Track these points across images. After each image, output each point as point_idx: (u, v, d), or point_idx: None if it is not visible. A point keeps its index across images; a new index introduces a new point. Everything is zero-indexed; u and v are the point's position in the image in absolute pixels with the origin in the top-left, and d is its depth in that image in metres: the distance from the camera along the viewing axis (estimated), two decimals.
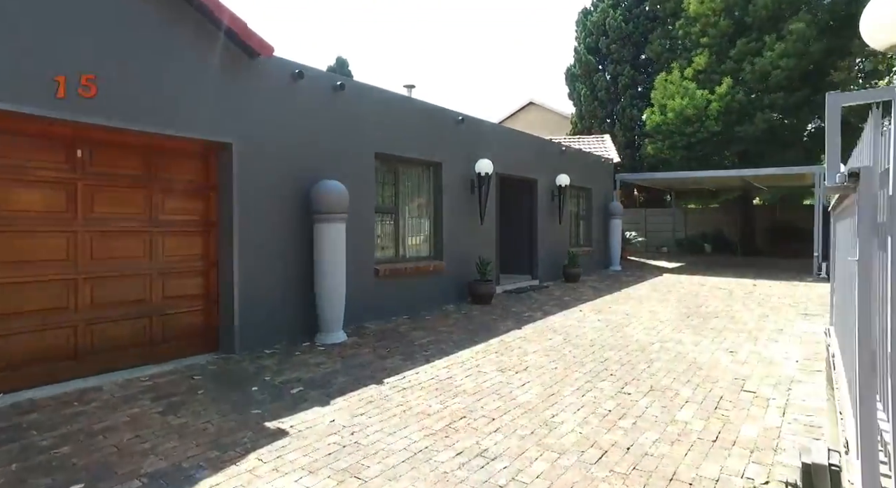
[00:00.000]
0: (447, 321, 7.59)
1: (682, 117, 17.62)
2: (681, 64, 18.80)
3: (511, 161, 10.65)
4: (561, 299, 9.63)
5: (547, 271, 12.02)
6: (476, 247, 9.48)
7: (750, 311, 8.48)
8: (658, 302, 9.37)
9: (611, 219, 14.90)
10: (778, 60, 16.25)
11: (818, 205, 12.94)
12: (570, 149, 13.15)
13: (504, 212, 11.39)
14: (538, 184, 11.69)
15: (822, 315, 8.21)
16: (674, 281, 12.46)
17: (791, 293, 10.50)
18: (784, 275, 13.43)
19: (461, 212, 9.21)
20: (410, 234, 8.46)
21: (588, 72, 22.35)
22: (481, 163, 9.17)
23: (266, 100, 5.91)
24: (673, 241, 21.76)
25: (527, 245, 11.81)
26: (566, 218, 12.88)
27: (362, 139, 7.22)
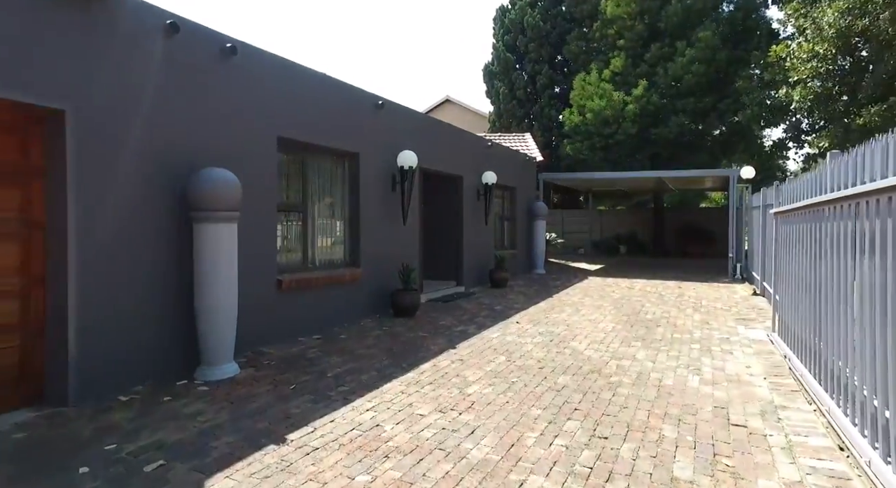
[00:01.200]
0: (367, 340, 6.36)
1: (600, 118, 17.57)
2: (598, 65, 18.82)
3: (435, 155, 9.60)
4: (492, 308, 8.71)
5: (473, 276, 11.11)
6: (398, 252, 8.32)
7: (689, 318, 8.04)
8: (595, 309, 8.74)
9: (535, 220, 14.34)
10: (689, 66, 16.61)
11: (732, 208, 13.17)
12: (496, 145, 12.36)
13: (427, 211, 10.33)
14: (464, 181, 10.75)
15: (756, 319, 7.93)
16: (601, 284, 12.05)
17: (716, 295, 10.35)
18: (702, 277, 13.53)
19: (381, 211, 8.01)
20: (322, 238, 7.13)
21: (506, 69, 21.93)
22: (404, 156, 8.03)
23: (123, 56, 4.39)
24: (589, 243, 21.88)
25: (452, 248, 10.83)
26: (492, 219, 12.07)
27: (262, 119, 5.82)
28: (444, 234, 10.88)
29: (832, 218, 4.33)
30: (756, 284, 10.74)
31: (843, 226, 3.89)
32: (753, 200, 12.00)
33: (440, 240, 10.92)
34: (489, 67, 22.88)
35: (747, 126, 16.72)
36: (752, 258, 11.91)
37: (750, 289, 11.04)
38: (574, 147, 18.70)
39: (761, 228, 10.20)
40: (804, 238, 5.31)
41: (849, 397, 3.53)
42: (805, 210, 5.23)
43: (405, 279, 7.78)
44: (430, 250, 10.83)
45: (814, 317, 4.66)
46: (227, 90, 5.38)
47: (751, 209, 12.36)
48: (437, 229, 10.92)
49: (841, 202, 4.04)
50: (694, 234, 20.08)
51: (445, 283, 10.59)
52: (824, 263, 4.40)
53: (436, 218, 10.90)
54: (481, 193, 11.32)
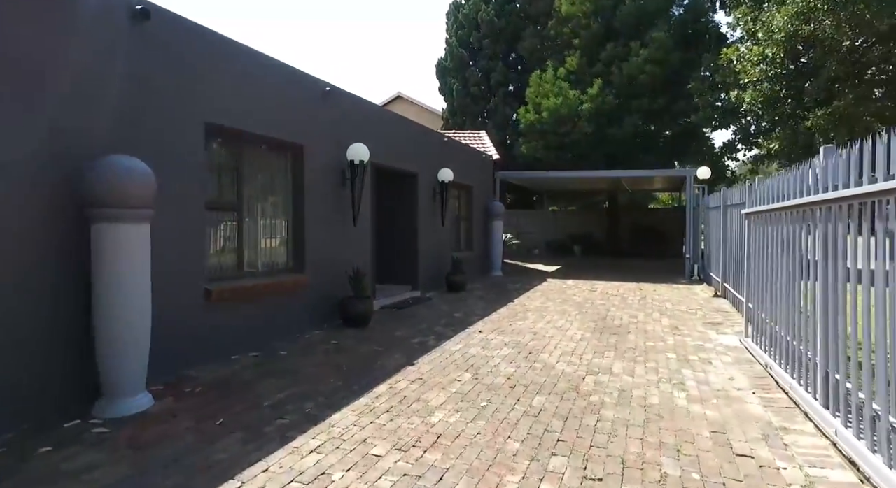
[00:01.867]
0: (314, 357, 5.58)
1: (556, 117, 17.30)
2: (554, 64, 18.57)
3: (389, 149, 8.88)
4: (452, 316, 8.07)
5: (429, 280, 10.45)
6: (349, 255, 7.54)
7: (658, 323, 7.68)
8: (560, 315, 8.25)
9: (492, 220, 13.83)
10: (643, 66, 16.58)
11: (689, 208, 13.11)
12: (452, 141, 11.75)
13: (381, 211, 9.59)
14: (419, 179, 10.07)
15: (724, 323, 7.65)
16: (561, 287, 11.64)
17: (679, 298, 10.13)
18: (660, 278, 13.40)
19: (329, 210, 7.22)
20: (261, 240, 6.27)
21: (460, 65, 21.40)
22: (355, 149, 7.27)
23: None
24: (544, 243, 21.65)
25: (407, 250, 10.12)
26: (449, 219, 11.44)
27: (184, 101, 4.94)
28: (399, 236, 10.17)
29: (829, 219, 3.94)
30: (716, 285, 10.61)
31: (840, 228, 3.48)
32: (710, 201, 11.92)
33: (394, 241, 10.19)
34: (442, 63, 22.29)
35: (699, 127, 16.87)
36: (709, 259, 11.83)
37: (709, 290, 10.90)
38: (530, 146, 18.37)
39: (721, 229, 10.05)
40: (788, 240, 4.96)
41: (861, 417, 3.10)
42: (791, 210, 4.88)
43: (356, 285, 7.02)
44: (383, 253, 10.09)
45: (805, 326, 4.28)
46: (138, 63, 4.48)
47: (707, 210, 12.30)
48: (390, 230, 10.19)
49: (842, 202, 3.65)
50: (647, 235, 20.18)
51: (400, 288, 9.87)
52: (818, 269, 4.01)
53: (389, 218, 10.17)
54: (437, 192, 10.68)
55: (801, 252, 4.58)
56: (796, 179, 4.77)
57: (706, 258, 12.50)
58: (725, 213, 9.87)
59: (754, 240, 6.41)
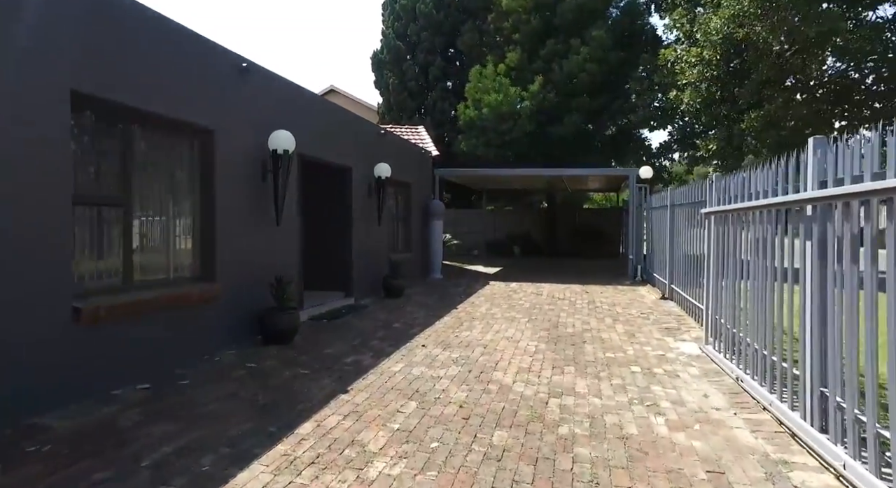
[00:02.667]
0: (222, 387, 4.55)
1: (497, 113, 16.80)
2: (494, 59, 18.08)
3: (319, 139, 7.89)
4: (390, 326, 7.21)
5: (365, 285, 9.52)
6: (271, 260, 6.51)
7: (613, 330, 7.18)
8: (509, 322, 7.59)
9: (432, 219, 13.07)
10: (583, 64, 16.40)
11: (632, 208, 12.92)
12: (390, 134, 10.88)
13: (309, 209, 8.57)
14: (353, 173, 9.12)
15: (679, 329, 7.28)
16: (505, 290, 11.05)
17: (626, 301, 9.77)
18: (603, 279, 13.14)
19: (247, 207, 6.16)
20: (156, 244, 5.15)
21: (397, 59, 20.51)
22: (278, 137, 6.26)
23: None
24: (484, 244, 21.16)
25: (340, 253, 9.14)
26: (386, 218, 10.56)
27: (38, 60, 3.80)
28: (331, 237, 9.17)
29: (826, 219, 3.46)
30: (661, 287, 10.37)
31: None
32: (654, 200, 11.75)
33: (326, 243, 9.19)
34: (378, 56, 21.29)
35: (637, 127, 16.92)
36: (652, 260, 11.65)
37: (655, 292, 10.66)
38: (469, 143, 17.78)
39: (668, 229, 9.80)
40: (762, 242, 4.51)
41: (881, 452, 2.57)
42: (767, 210, 4.42)
43: (279, 295, 6.02)
44: (313, 256, 9.06)
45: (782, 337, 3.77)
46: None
47: (651, 210, 12.14)
48: (322, 230, 9.18)
49: (849, 199, 3.15)
50: (586, 235, 20.14)
51: (332, 295, 8.88)
52: (807, 273, 3.52)
53: (320, 217, 9.15)
54: (374, 189, 9.76)
55: (782, 255, 4.12)
56: (773, 175, 4.32)
57: (648, 259, 12.34)
58: (673, 213, 9.62)
59: (716, 241, 6.00)
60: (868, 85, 14.30)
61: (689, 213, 8.28)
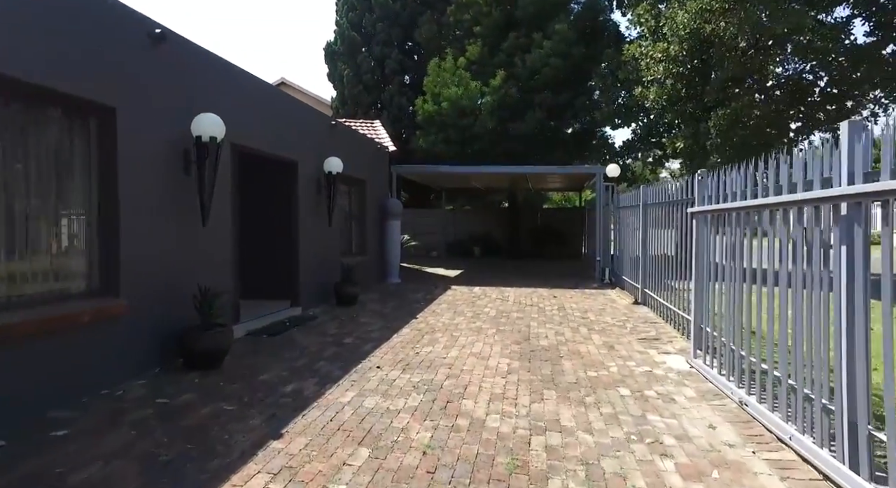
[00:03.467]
0: (110, 439, 3.52)
1: (457, 108, 16.04)
2: (454, 52, 17.31)
3: (258, 127, 6.89)
4: (341, 342, 6.29)
5: (314, 293, 8.53)
6: (196, 267, 5.48)
7: (589, 341, 6.50)
8: (474, 334, 6.80)
9: (388, 219, 12.17)
10: (547, 58, 15.84)
11: (599, 207, 12.41)
12: (342, 125, 9.92)
13: (249, 208, 7.56)
14: (300, 168, 8.13)
15: (660, 339, 6.67)
16: (468, 296, 10.27)
17: (598, 306, 9.16)
18: (569, 282, 12.56)
19: (164, 205, 5.12)
20: (32, 248, 4.06)
21: (352, 50, 19.45)
22: (204, 122, 5.25)
23: None
24: (444, 245, 20.37)
25: (285, 257, 8.13)
26: (338, 218, 9.60)
27: None
28: (274, 239, 8.15)
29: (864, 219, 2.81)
30: (633, 291, 9.83)
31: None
32: (623, 200, 11.24)
33: (268, 246, 8.16)
34: (332, 47, 20.17)
35: (600, 125, 16.51)
36: (621, 262, 11.14)
37: (626, 296, 10.12)
38: (428, 139, 16.95)
39: (640, 230, 9.25)
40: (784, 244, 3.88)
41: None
42: (777, 208, 3.78)
43: (205, 309, 5.01)
44: (254, 261, 8.03)
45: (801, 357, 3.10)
46: None
47: (618, 209, 11.64)
48: (263, 232, 8.15)
49: None
50: (548, 235, 19.66)
51: (276, 305, 7.86)
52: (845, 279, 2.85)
53: (262, 216, 8.12)
54: (323, 185, 8.79)
55: (812, 259, 3.47)
56: (803, 164, 3.66)
57: (616, 261, 11.84)
58: (645, 213, 9.08)
59: (706, 243, 5.40)
60: (822, 87, 14.34)
61: (665, 213, 7.72)
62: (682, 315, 6.76)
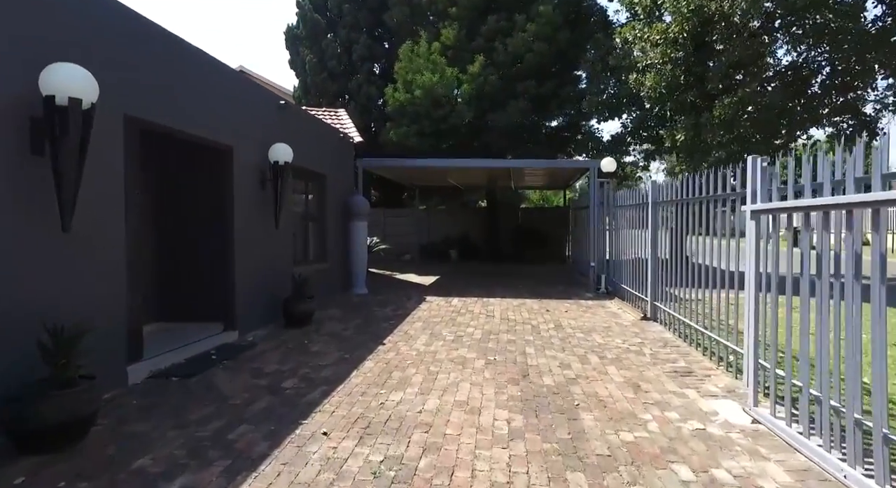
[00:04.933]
0: None
1: (431, 97, 14.47)
2: (428, 37, 15.74)
3: (173, 99, 5.20)
4: (278, 387, 4.65)
5: (256, 311, 6.86)
6: (49, 295, 3.78)
7: (607, 378, 5.02)
8: (458, 368, 5.25)
9: (353, 220, 10.54)
10: (530, 43, 14.41)
11: (593, 206, 11.00)
12: (294, 107, 8.26)
13: (168, 204, 5.88)
14: (236, 156, 6.45)
15: (694, 372, 5.24)
16: (447, 310, 8.72)
17: (601, 324, 7.72)
18: (559, 290, 11.14)
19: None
20: None
21: (315, 34, 17.70)
22: (59, 77, 3.56)
23: None
24: (417, 247, 18.78)
25: (216, 267, 6.44)
26: (288, 218, 7.93)
27: None
28: (203, 246, 6.46)
29: None
30: (639, 304, 8.44)
31: None
32: (621, 198, 9.86)
33: (195, 255, 6.46)
34: (293, 31, 18.35)
35: (587, 116, 15.16)
36: (620, 268, 9.75)
37: (630, 309, 8.71)
38: (399, 132, 15.33)
39: (650, 232, 7.86)
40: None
41: None
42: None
43: (55, 360, 3.32)
44: (175, 272, 6.36)
45: None
46: None
47: (616, 208, 10.26)
48: (189, 235, 6.45)
49: None
50: (529, 237, 18.26)
51: (205, 329, 6.17)
52: None
53: (185, 216, 6.43)
54: (269, 178, 7.12)
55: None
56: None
57: (612, 267, 10.46)
58: (656, 212, 7.71)
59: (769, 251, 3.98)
60: (824, 78, 13.26)
61: (686, 212, 6.33)
62: (717, 339, 5.34)
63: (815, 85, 13.06)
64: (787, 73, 12.67)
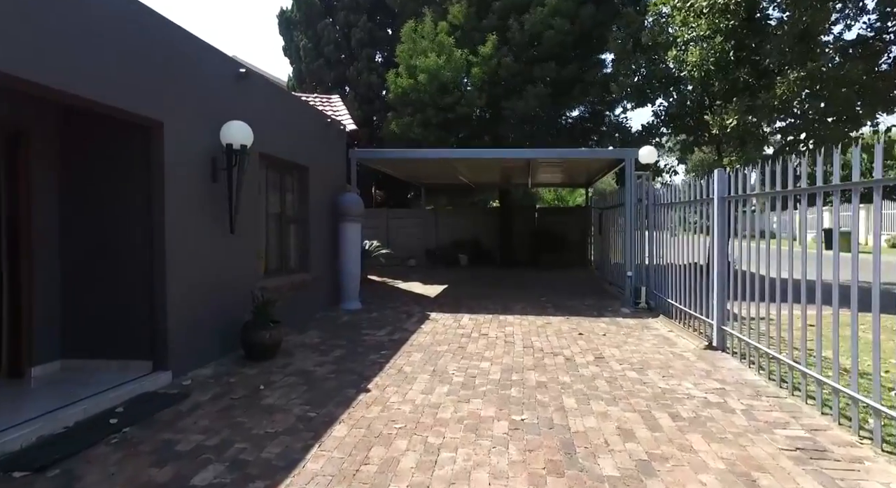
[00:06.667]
0: None
1: (437, 82, 12.77)
2: (434, 16, 14.05)
3: (60, 51, 3.53)
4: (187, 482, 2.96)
5: (200, 343, 5.19)
6: None
7: (699, 462, 3.26)
8: (470, 439, 3.53)
9: (344, 222, 8.86)
10: (550, 19, 12.66)
11: (629, 203, 9.23)
12: (258, 77, 6.61)
13: (72, 200, 4.24)
14: (168, 135, 4.78)
15: (823, 449, 3.47)
16: (455, 333, 7.00)
17: (654, 355, 5.96)
18: (587, 303, 9.38)
19: None
20: None
21: (310, 17, 16.11)
22: None
23: None
24: (423, 252, 17.08)
25: (140, 285, 4.78)
26: (252, 219, 6.26)
27: None
28: (125, 255, 4.81)
29: None
30: (697, 325, 6.68)
31: None
32: (666, 194, 8.10)
33: (114, 267, 4.81)
34: (286, 14, 16.77)
35: (616, 102, 13.37)
36: (664, 279, 7.98)
37: (684, 331, 6.92)
38: (402, 122, 13.65)
39: (717, 235, 6.11)
40: None
41: None
42: None
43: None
44: (88, 292, 4.74)
45: None
46: None
47: (657, 206, 8.51)
48: (105, 245, 4.81)
49: None
50: (546, 240, 16.50)
51: (124, 369, 4.54)
52: None
53: (99, 218, 4.79)
54: (220, 167, 5.45)
55: None
56: None
57: (654, 276, 8.70)
58: (725, 209, 5.97)
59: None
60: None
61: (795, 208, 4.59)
62: (856, 398, 3.54)
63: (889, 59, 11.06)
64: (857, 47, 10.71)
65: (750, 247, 5.34)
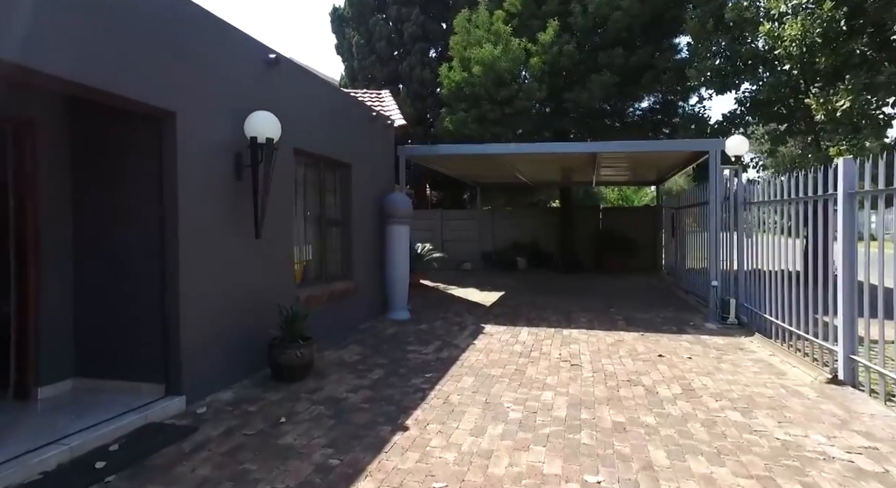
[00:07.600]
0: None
1: (493, 74, 11.90)
2: (488, 4, 13.19)
3: (56, 31, 2.97)
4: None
5: (220, 363, 4.59)
6: None
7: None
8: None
9: (390, 223, 8.17)
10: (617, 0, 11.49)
11: (714, 203, 8.00)
12: (291, 65, 6.00)
13: (77, 201, 3.71)
14: (181, 127, 4.20)
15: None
16: (511, 352, 6.11)
17: (758, 390, 4.84)
18: (662, 316, 8.23)
19: None
20: None
21: (362, 13, 15.65)
22: None
23: None
24: (479, 255, 16.24)
25: (149, 298, 4.23)
26: (284, 222, 5.64)
27: None
28: (138, 264, 4.27)
29: None
30: (800, 346, 5.48)
31: None
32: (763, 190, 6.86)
33: (123, 277, 4.29)
34: (339, 12, 16.41)
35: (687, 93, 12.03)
36: (757, 289, 6.75)
37: (787, 355, 5.71)
38: (456, 119, 12.87)
39: (845, 239, 4.91)
40: None
41: None
42: None
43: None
44: (100, 306, 4.24)
45: None
46: None
47: (749, 205, 7.27)
48: (115, 253, 4.30)
49: None
50: (612, 243, 15.25)
51: (134, 393, 3.99)
52: None
53: (108, 221, 4.28)
54: (246, 163, 4.84)
55: None
56: None
57: (744, 286, 7.45)
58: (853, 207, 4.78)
59: None
60: None
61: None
62: None
63: None
64: None
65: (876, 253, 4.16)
